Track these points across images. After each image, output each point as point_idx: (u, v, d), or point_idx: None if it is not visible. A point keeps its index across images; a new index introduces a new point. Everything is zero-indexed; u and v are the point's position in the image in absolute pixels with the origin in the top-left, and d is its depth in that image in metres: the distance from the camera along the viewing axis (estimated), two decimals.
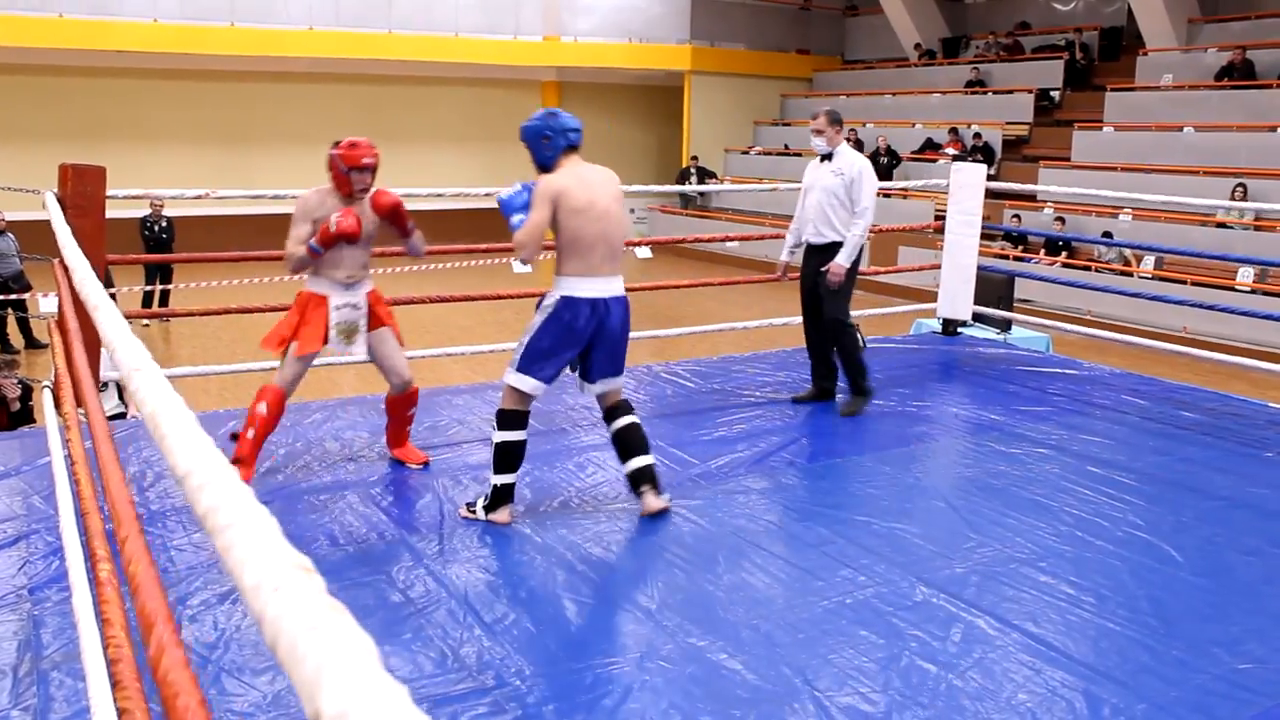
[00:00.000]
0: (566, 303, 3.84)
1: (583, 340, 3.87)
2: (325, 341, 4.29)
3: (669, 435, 5.01)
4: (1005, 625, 3.17)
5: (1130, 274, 13.63)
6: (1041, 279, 12.05)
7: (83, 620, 2.28)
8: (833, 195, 5.36)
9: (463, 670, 2.85)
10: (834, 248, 5.38)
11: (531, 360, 3.87)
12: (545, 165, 3.90)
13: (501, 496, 3.93)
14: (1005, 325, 7.70)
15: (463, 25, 19.83)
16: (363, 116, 20.18)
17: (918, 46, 21.50)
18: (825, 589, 3.41)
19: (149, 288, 12.83)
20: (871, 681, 2.84)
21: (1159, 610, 3.30)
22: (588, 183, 3.87)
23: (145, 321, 12.04)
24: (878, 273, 11.20)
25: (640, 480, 4.00)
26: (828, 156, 5.42)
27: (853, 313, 6.71)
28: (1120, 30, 19.03)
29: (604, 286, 3.87)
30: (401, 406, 4.54)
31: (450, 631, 3.07)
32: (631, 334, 6.79)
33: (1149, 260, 13.60)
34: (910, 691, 2.80)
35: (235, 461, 4.14)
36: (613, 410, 4.07)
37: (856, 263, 5.41)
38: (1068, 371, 6.53)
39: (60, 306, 4.25)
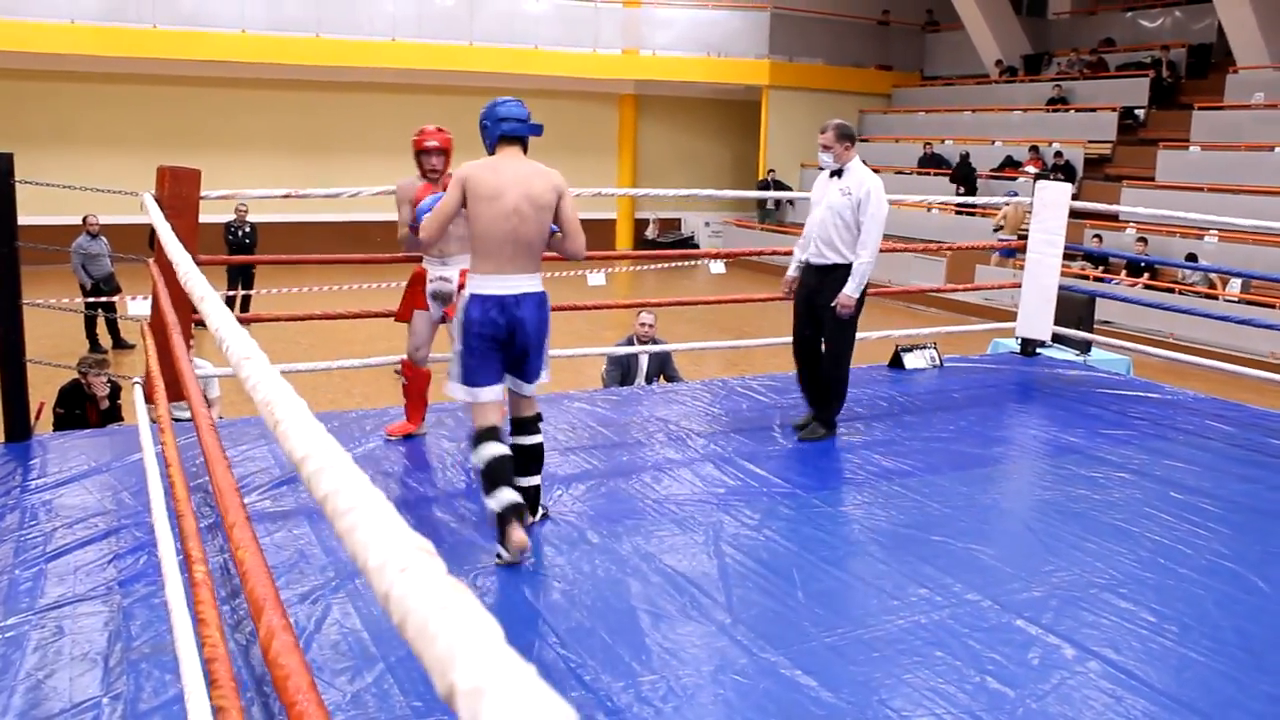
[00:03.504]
0: (475, 301, 3.73)
1: (499, 336, 3.72)
2: (426, 307, 4.88)
3: (743, 450, 5.00)
4: (1084, 651, 3.12)
5: (1216, 297, 13.32)
6: (1123, 300, 11.84)
7: (176, 617, 2.35)
8: (838, 215, 5.08)
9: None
10: (836, 270, 5.10)
11: (462, 367, 3.76)
12: (489, 154, 3.83)
13: (505, 518, 3.61)
14: (1085, 347, 7.57)
15: (543, 38, 20.04)
16: (444, 126, 20.39)
17: (999, 63, 21.26)
18: (900, 608, 3.38)
19: (231, 292, 13.13)
20: (947, 703, 2.81)
21: (1246, 642, 3.22)
22: (503, 175, 3.71)
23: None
24: (953, 290, 11.08)
25: (528, 497, 3.81)
26: (837, 173, 5.16)
27: (927, 329, 6.64)
28: (1209, 48, 18.66)
29: (514, 284, 3.72)
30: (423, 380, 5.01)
31: (525, 640, 3.10)
32: (703, 344, 6.78)
33: (1235, 283, 13.28)
34: (986, 715, 2.76)
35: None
36: (520, 423, 3.91)
37: (866, 287, 5.14)
38: (1149, 395, 6.40)
39: (156, 306, 4.37)
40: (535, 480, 3.93)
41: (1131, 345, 7.92)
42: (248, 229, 13.36)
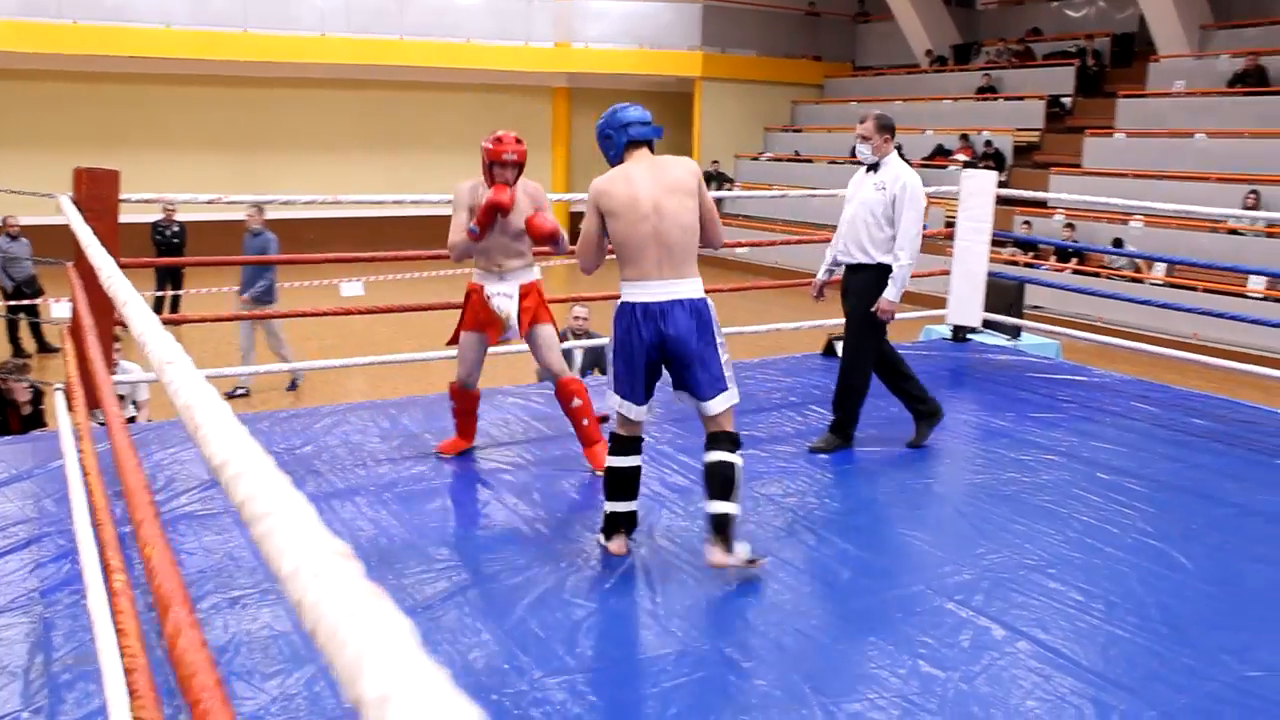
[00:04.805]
0: (622, 310, 3.58)
1: (645, 349, 3.54)
2: (484, 327, 4.55)
3: (676, 440, 5.01)
4: (1014, 632, 3.17)
5: (1141, 280, 13.60)
6: (1052, 285, 12.05)
7: (99, 628, 2.30)
8: (870, 211, 4.81)
9: (471, 675, 2.86)
10: (866, 270, 4.87)
11: (615, 377, 3.65)
12: (613, 164, 3.67)
13: (612, 524, 3.69)
14: (1015, 332, 7.68)
15: (474, 31, 19.88)
16: (375, 122, 20.25)
17: (929, 53, 21.49)
18: (833, 595, 3.41)
19: (160, 293, 12.88)
20: (880, 688, 2.84)
21: (1168, 617, 3.30)
22: (634, 180, 3.54)
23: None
24: None
25: (712, 527, 3.53)
26: (873, 167, 4.89)
27: None
28: (1132, 37, 19.00)
29: (661, 290, 3.51)
30: (560, 402, 4.60)
31: (459, 636, 3.08)
32: None
33: (1160, 267, 13.56)
34: (919, 698, 2.79)
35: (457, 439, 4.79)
36: (710, 439, 3.62)
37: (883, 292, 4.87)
38: (1078, 378, 6.51)
39: (74, 310, 4.28)
40: (725, 507, 3.51)
41: (1060, 329, 8.05)
42: (176, 228, 13.09)
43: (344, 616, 0.72)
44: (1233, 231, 13.54)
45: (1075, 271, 14.14)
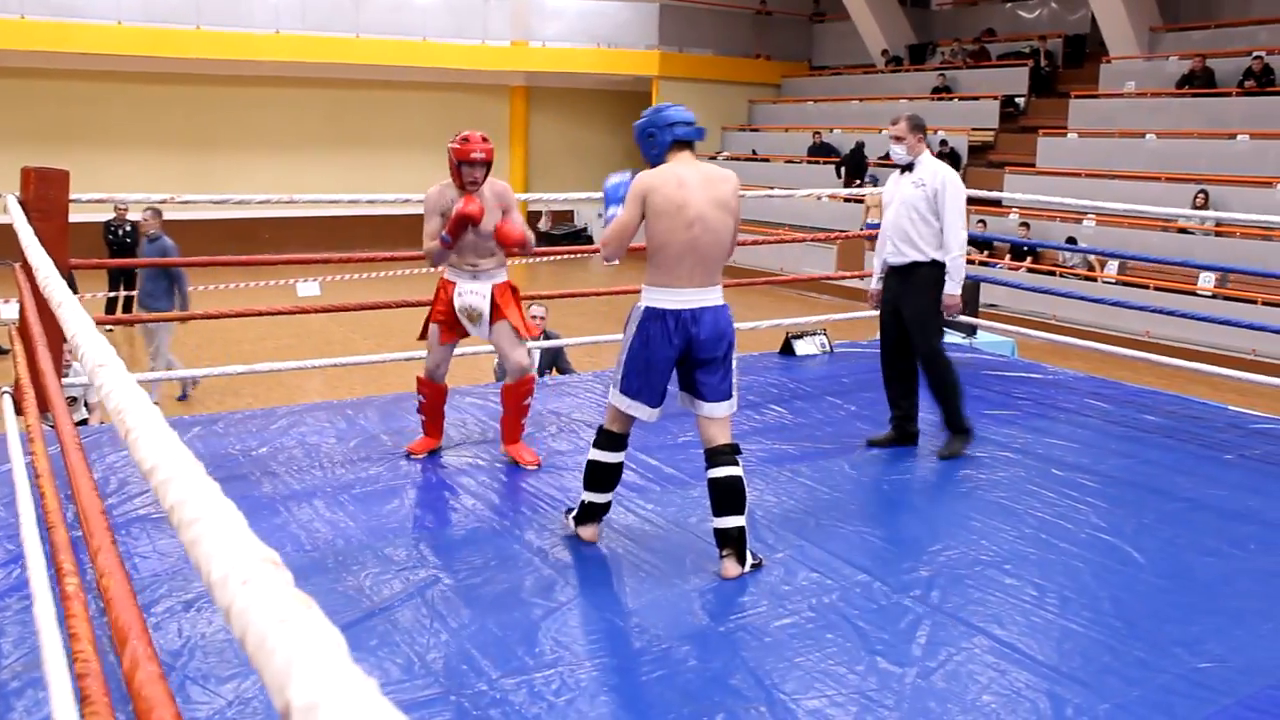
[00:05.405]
0: (650, 315, 3.58)
1: (671, 354, 3.57)
2: (454, 322, 4.58)
3: (635, 440, 4.99)
4: (970, 627, 3.20)
5: (1094, 279, 13.78)
6: (1007, 284, 12.18)
7: (45, 633, 2.26)
8: (913, 209, 4.86)
9: (429, 675, 2.85)
10: (917, 269, 4.90)
11: (625, 377, 3.64)
12: (654, 164, 3.63)
13: (588, 513, 3.77)
14: (970, 330, 7.75)
15: (430, 29, 19.78)
16: (330, 121, 20.08)
17: (884, 53, 21.65)
18: (791, 592, 3.43)
19: (113, 293, 12.71)
20: (838, 685, 2.86)
21: (1121, 611, 3.34)
22: (685, 184, 3.52)
23: (109, 327, 11.92)
24: (843, 277, 11.27)
25: (725, 542, 3.54)
26: (908, 167, 4.95)
27: (818, 316, 6.74)
28: (1084, 38, 19.26)
29: (692, 297, 3.54)
30: (511, 395, 4.62)
31: (416, 637, 3.07)
32: (597, 337, 6.74)
33: (1112, 265, 13.76)
34: (876, 694, 2.81)
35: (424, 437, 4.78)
36: (712, 453, 3.60)
37: (941, 288, 4.92)
38: (1032, 375, 6.59)
39: (22, 312, 4.21)
40: (735, 521, 3.52)
41: (1015, 328, 8.14)
42: (128, 228, 12.92)
43: (272, 624, 0.72)
44: (1182, 230, 13.75)
45: (1030, 270, 14.31)
